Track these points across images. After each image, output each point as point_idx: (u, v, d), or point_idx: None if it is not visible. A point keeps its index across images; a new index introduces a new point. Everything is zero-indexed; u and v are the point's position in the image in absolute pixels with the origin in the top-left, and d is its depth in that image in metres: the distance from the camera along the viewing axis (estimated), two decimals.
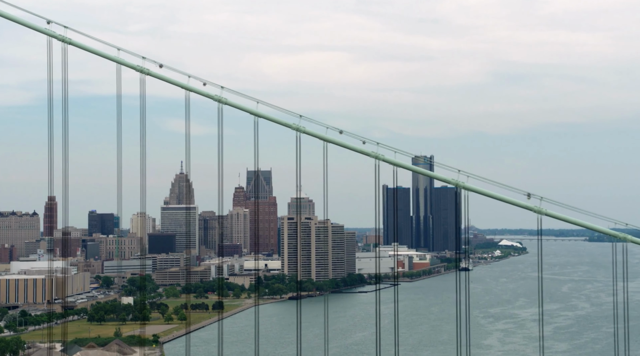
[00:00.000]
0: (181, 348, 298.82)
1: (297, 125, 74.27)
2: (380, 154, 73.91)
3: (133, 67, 76.03)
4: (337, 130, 74.78)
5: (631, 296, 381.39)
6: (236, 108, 75.76)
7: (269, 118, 75.68)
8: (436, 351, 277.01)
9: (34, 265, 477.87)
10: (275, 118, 75.53)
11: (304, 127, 74.23)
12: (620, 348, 74.12)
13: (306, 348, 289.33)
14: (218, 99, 75.35)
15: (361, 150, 74.42)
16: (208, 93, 75.53)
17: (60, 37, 77.40)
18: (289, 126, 74.59)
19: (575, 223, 72.04)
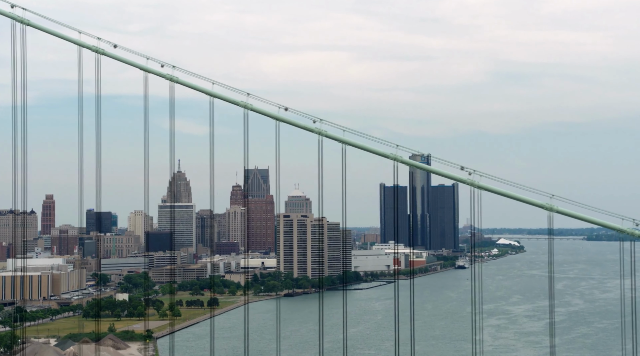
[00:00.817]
0: (175, 343, 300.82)
1: (319, 129, 75.57)
2: (399, 156, 74.56)
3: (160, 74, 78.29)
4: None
5: (626, 293, 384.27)
6: (261, 113, 77.48)
7: (291, 122, 77.23)
8: (427, 345, 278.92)
9: (30, 262, 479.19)
10: (297, 123, 77.01)
11: (326, 130, 75.60)
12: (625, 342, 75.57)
13: (299, 343, 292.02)
14: (244, 105, 77.32)
15: (379, 152, 75.41)
16: (234, 99, 77.67)
17: (95, 49, 79.66)
18: (311, 130, 75.84)
19: (587, 220, 71.41)
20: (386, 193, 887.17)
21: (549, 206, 69.55)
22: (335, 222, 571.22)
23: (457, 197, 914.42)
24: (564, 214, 70.19)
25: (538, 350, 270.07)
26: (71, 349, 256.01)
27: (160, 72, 78.74)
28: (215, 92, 78.04)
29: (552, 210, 69.51)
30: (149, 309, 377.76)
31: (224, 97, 77.90)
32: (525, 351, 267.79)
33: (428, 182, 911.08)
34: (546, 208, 69.59)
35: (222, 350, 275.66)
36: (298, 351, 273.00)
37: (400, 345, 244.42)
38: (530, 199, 70.86)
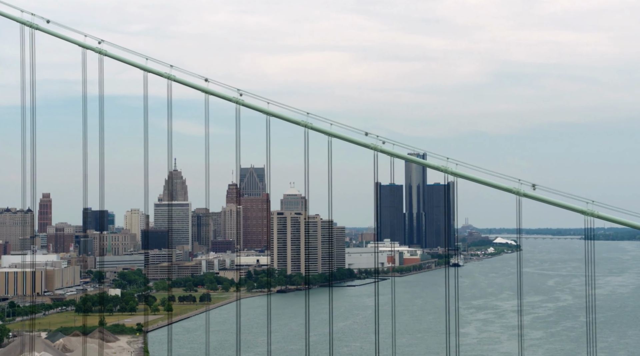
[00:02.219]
0: (164, 336, 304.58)
1: (305, 122, 77.62)
2: (378, 145, 76.05)
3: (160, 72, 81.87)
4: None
5: (616, 289, 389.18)
6: (252, 108, 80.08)
7: (280, 116, 79.91)
8: (412, 338, 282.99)
9: (25, 259, 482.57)
10: (286, 117, 79.59)
11: (311, 123, 77.85)
12: None
13: (288, 336, 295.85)
14: (236, 101, 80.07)
15: (361, 142, 76.82)
16: (227, 95, 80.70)
17: (98, 50, 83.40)
18: (297, 123, 78.76)
19: (627, 225, 69.89)
20: (382, 192, 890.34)
21: (590, 211, 69.39)
22: (329, 220, 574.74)
23: (453, 195, 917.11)
24: (604, 219, 70.19)
25: (522, 342, 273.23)
26: (60, 341, 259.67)
27: (158, 71, 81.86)
28: (209, 89, 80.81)
29: (594, 216, 69.44)
30: (142, 304, 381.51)
31: (218, 93, 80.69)
32: (509, 343, 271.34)
33: (424, 180, 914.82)
34: (587, 214, 69.45)
35: (211, 342, 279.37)
36: (285, 344, 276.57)
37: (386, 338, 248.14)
38: (570, 205, 70.47)
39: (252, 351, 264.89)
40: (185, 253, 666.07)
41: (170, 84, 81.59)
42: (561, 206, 70.66)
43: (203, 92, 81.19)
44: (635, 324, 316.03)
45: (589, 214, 69.20)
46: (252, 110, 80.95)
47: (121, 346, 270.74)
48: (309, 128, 78.42)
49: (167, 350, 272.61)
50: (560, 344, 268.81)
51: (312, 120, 78.08)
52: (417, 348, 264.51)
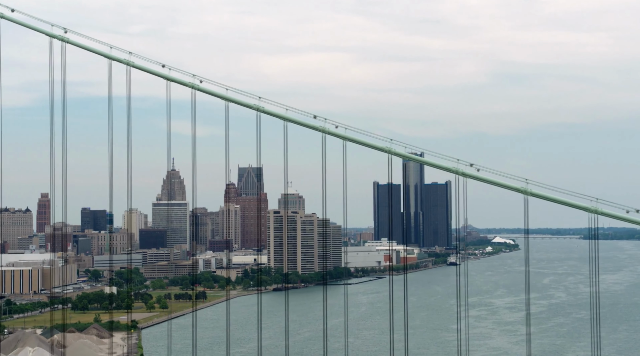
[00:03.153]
0: (158, 333, 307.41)
1: (323, 127, 79.32)
2: (393, 149, 77.27)
3: None
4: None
5: (610, 287, 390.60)
6: (272, 115, 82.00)
7: (298, 122, 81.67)
8: (404, 334, 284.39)
9: (22, 258, 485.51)
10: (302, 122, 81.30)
11: (328, 128, 79.19)
12: None
13: (280, 333, 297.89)
14: (257, 108, 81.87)
15: (377, 146, 78.08)
16: (248, 103, 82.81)
17: (60, 37, 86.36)
18: (315, 128, 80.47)
19: (631, 221, 69.95)
20: (380, 192, 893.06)
21: (594, 209, 69.68)
22: (324, 218, 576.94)
23: (451, 194, 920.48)
24: (609, 216, 70.28)
25: (512, 337, 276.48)
26: (55, 337, 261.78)
27: (181, 80, 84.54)
28: (230, 97, 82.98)
29: (597, 213, 69.72)
30: (137, 302, 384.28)
31: (239, 101, 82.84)
32: (500, 338, 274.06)
33: (421, 180, 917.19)
34: (591, 211, 69.74)
35: (204, 338, 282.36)
36: (277, 340, 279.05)
37: (379, 334, 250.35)
38: (575, 202, 70.62)
39: (244, 346, 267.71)
40: (183, 252, 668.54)
41: (195, 94, 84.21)
42: (566, 204, 71.56)
43: (223, 100, 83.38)
44: (626, 320, 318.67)
45: (593, 211, 69.78)
46: (250, 110, 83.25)
47: (115, 343, 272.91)
48: (326, 133, 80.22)
49: (161, 346, 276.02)
50: (550, 339, 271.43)
51: (319, 122, 80.00)
52: (409, 343, 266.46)
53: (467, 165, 74.27)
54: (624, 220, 70.23)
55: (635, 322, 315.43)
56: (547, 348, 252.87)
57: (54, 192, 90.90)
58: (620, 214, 69.69)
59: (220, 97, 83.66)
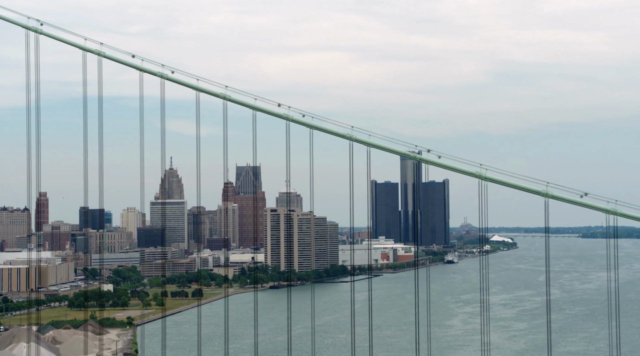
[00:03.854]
0: (154, 329, 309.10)
1: (287, 115, 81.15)
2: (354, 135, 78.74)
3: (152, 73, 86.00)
4: None
5: (605, 284, 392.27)
6: (268, 113, 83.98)
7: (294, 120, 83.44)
8: (397, 330, 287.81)
9: (19, 256, 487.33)
10: None
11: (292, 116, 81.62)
12: None
13: (275, 329, 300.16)
14: (223, 97, 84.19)
15: (403, 153, 79.47)
16: (244, 101, 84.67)
17: (38, 30, 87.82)
18: (279, 116, 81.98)
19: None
20: (377, 190, 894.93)
21: (613, 210, 70.71)
22: (322, 216, 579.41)
23: (448, 193, 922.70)
24: (626, 217, 71.27)
25: (504, 333, 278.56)
26: (50, 333, 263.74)
27: (179, 80, 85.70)
28: (228, 95, 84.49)
29: (616, 214, 70.76)
30: (134, 299, 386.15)
31: (236, 100, 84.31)
32: (492, 334, 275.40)
33: (419, 178, 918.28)
34: (610, 212, 70.74)
35: (197, 336, 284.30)
36: (272, 336, 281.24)
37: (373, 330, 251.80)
38: (591, 203, 71.78)
39: (239, 342, 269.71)
40: (181, 251, 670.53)
41: (199, 96, 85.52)
42: (585, 206, 72.43)
43: (222, 99, 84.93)
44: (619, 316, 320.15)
45: (612, 213, 70.67)
46: (248, 110, 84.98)
47: (111, 339, 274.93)
48: (290, 120, 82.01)
49: (155, 342, 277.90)
50: (542, 335, 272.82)
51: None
52: (400, 339, 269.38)
53: (478, 165, 75.65)
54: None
55: (629, 318, 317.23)
56: (539, 343, 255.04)
57: None
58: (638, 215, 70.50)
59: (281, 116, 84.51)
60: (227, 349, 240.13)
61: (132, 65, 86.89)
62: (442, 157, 76.44)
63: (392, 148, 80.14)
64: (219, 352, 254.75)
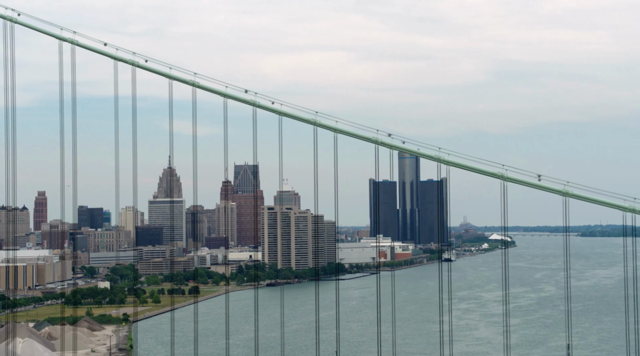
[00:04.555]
0: (150, 326, 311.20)
1: (314, 120, 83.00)
2: (379, 139, 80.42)
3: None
4: None
5: (601, 281, 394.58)
6: (267, 109, 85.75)
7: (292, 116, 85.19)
8: (391, 326, 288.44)
9: (17, 254, 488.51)
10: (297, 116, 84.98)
11: (320, 121, 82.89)
12: None
13: (270, 325, 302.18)
14: (223, 94, 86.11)
15: (427, 155, 80.00)
16: (245, 98, 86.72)
17: (70, 40, 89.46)
18: (307, 121, 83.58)
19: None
20: (376, 189, 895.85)
21: (632, 207, 71.51)
22: (319, 215, 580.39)
23: (446, 191, 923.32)
24: None
25: (497, 328, 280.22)
26: (46, 329, 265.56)
27: (183, 79, 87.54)
28: (229, 93, 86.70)
29: (635, 212, 71.20)
30: (131, 297, 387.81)
31: (237, 97, 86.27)
32: (485, 329, 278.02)
33: (417, 177, 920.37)
34: (629, 210, 71.38)
35: (192, 332, 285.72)
36: (266, 332, 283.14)
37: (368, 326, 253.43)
38: (612, 202, 72.59)
39: (234, 338, 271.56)
40: (179, 249, 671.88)
41: (226, 102, 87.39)
42: (605, 204, 73.90)
43: (223, 96, 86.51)
44: (611, 312, 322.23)
45: (629, 210, 71.68)
46: (246, 110, 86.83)
47: (106, 335, 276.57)
48: (317, 125, 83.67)
49: (150, 338, 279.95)
50: (534, 330, 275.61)
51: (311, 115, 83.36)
52: (393, 334, 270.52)
53: (505, 169, 76.99)
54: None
55: (622, 314, 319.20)
56: (530, 338, 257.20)
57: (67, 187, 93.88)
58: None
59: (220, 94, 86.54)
60: (228, 344, 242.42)
61: (104, 53, 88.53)
62: (459, 157, 77.82)
63: (413, 149, 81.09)
64: (214, 348, 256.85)
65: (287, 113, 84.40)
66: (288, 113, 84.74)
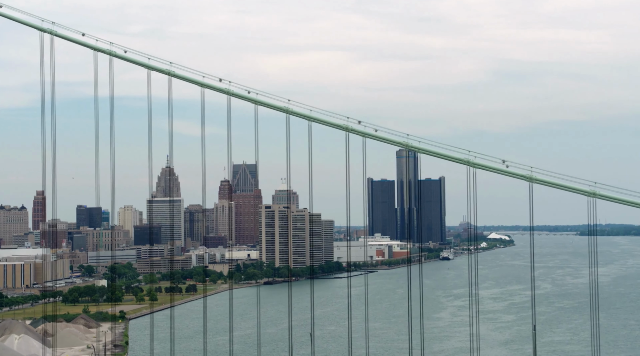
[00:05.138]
0: (146, 323, 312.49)
1: (287, 108, 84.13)
2: (350, 126, 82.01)
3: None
4: None
5: (601, 279, 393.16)
6: (269, 107, 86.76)
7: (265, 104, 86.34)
8: (386, 322, 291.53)
9: (15, 253, 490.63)
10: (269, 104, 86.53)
11: (292, 108, 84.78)
12: None
13: (265, 322, 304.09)
14: (227, 91, 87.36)
15: (332, 123, 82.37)
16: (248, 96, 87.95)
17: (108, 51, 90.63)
18: (279, 108, 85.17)
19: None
20: (374, 188, 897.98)
21: (592, 191, 73.23)
22: (316, 213, 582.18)
23: (444, 190, 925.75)
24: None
25: (491, 324, 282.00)
26: (42, 326, 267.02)
27: (216, 86, 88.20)
28: (232, 91, 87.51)
29: (596, 196, 72.73)
30: (128, 295, 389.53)
31: (212, 86, 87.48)
32: (480, 325, 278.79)
33: (415, 176, 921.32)
34: (590, 194, 72.99)
35: (190, 328, 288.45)
36: (263, 329, 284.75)
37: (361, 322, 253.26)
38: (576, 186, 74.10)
39: (228, 335, 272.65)
40: (178, 248, 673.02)
41: (229, 100, 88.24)
42: (568, 188, 75.51)
43: (252, 103, 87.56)
44: (606, 308, 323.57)
45: (591, 195, 73.05)
46: (245, 109, 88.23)
47: (103, 331, 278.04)
48: (290, 113, 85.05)
49: (146, 335, 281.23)
50: (529, 326, 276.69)
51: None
52: (388, 331, 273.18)
53: (531, 167, 77.99)
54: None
55: (615, 310, 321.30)
56: (524, 334, 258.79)
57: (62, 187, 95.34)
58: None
59: (197, 83, 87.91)
60: (232, 337, 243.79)
61: (84, 43, 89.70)
62: (477, 156, 79.23)
63: (440, 152, 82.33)
64: (208, 343, 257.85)
65: (261, 101, 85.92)
66: (261, 101, 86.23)
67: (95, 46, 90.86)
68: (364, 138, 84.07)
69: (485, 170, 78.15)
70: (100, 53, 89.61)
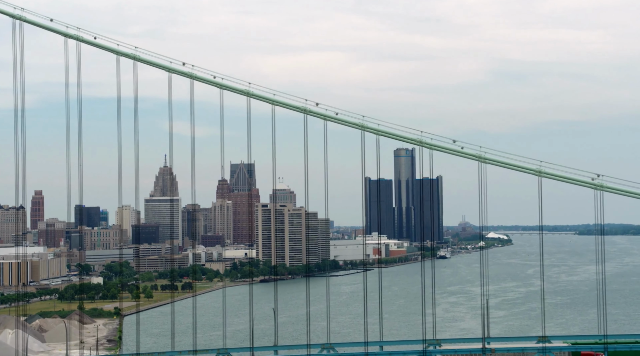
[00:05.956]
0: (141, 320, 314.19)
1: (247, 90, 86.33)
2: (328, 114, 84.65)
3: None
4: None
5: (592, 276, 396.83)
6: (260, 98, 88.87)
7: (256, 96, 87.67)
8: (379, 318, 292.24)
9: (13, 252, 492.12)
10: None
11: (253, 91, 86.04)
12: None
13: (260, 318, 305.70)
14: (246, 93, 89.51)
15: (299, 107, 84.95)
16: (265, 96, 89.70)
17: (132, 56, 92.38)
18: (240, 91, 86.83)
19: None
20: (371, 187, 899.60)
21: (600, 184, 75.69)
22: (313, 212, 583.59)
23: (442, 190, 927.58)
24: None
25: (480, 320, 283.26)
26: (37, 322, 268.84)
27: (236, 88, 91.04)
28: (251, 91, 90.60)
29: (603, 188, 75.33)
30: (124, 292, 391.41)
31: (204, 78, 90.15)
32: (471, 321, 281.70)
33: (412, 175, 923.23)
34: (597, 187, 75.24)
35: (184, 324, 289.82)
36: (257, 324, 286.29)
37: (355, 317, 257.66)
38: (582, 179, 76.09)
39: (227, 329, 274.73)
40: (175, 247, 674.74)
41: (249, 101, 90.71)
42: (574, 181, 77.51)
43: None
44: (594, 305, 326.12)
45: (598, 187, 75.27)
46: (243, 110, 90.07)
47: (97, 327, 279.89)
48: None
49: (141, 330, 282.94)
50: (520, 321, 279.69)
51: None
52: (382, 327, 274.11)
53: (540, 161, 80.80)
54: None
55: (608, 307, 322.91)
56: (515, 329, 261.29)
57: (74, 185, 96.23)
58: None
59: (187, 75, 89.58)
60: (225, 332, 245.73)
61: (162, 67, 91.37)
62: (487, 152, 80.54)
63: (453, 148, 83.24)
64: (201, 338, 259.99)
65: (224, 85, 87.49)
66: (225, 85, 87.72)
67: (64, 32, 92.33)
68: (377, 137, 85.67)
69: (495, 165, 79.88)
70: (71, 39, 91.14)
